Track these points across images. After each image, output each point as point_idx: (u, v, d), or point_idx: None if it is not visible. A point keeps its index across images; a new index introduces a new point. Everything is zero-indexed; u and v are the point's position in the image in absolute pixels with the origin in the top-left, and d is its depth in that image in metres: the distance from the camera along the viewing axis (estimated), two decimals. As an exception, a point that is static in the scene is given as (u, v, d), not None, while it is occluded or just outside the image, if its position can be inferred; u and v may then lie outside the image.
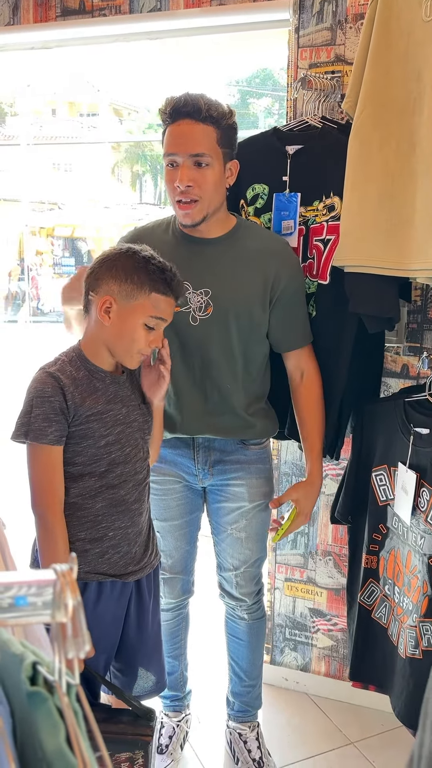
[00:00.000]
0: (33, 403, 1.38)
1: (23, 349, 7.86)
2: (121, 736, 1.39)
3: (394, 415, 1.75)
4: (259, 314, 1.69)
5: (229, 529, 1.84)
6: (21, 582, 0.45)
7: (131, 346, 1.42)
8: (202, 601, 2.12)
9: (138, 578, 1.53)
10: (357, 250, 1.65)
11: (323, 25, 1.97)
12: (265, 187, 1.88)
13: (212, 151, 1.58)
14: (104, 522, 1.46)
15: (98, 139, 17.51)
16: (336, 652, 2.28)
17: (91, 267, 1.45)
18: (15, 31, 2.38)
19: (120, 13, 2.22)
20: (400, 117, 1.58)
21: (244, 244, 1.70)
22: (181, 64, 4.43)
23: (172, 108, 1.58)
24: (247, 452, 1.79)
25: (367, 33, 1.63)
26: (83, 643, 0.45)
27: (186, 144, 1.57)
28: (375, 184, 1.61)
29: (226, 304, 1.66)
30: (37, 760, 0.52)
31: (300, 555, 2.27)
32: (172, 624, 1.99)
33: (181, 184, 1.58)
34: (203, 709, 2.20)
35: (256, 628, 1.97)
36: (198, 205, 1.60)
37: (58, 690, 0.48)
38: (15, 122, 16.14)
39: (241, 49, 3.33)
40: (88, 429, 1.41)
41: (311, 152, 1.82)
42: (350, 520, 1.90)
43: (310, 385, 1.79)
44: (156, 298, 1.40)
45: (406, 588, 1.71)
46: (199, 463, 1.79)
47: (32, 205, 13.30)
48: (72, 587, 0.44)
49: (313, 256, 1.83)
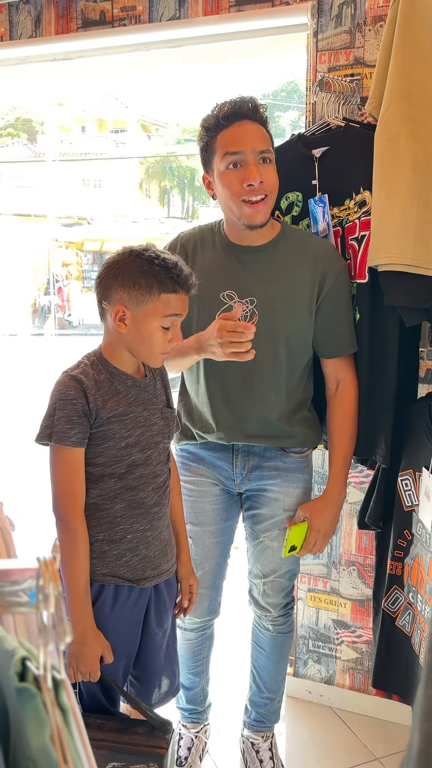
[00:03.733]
0: (56, 406, 1.39)
1: (49, 361, 7.93)
2: (136, 747, 1.37)
3: (419, 419, 1.71)
4: (305, 319, 1.66)
5: (261, 537, 1.81)
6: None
7: (151, 349, 1.42)
8: (228, 609, 2.07)
9: (155, 583, 1.51)
10: (387, 249, 1.61)
11: (342, 28, 1.96)
12: (298, 194, 1.87)
13: (271, 149, 1.61)
14: (123, 524, 1.45)
15: (126, 154, 17.72)
16: (360, 665, 2.23)
17: (99, 275, 1.44)
18: (37, 44, 2.41)
19: (140, 23, 2.23)
20: (426, 113, 1.56)
21: (289, 250, 1.68)
22: (207, 80, 4.46)
23: (230, 110, 1.59)
24: (287, 460, 1.75)
25: (390, 33, 1.61)
26: (64, 634, 0.43)
27: (253, 141, 1.57)
28: (403, 181, 1.58)
29: (271, 312, 1.63)
30: (25, 758, 0.50)
31: (323, 565, 2.23)
32: (195, 644, 1.94)
33: (255, 180, 1.56)
34: (223, 719, 2.16)
35: (281, 642, 1.92)
36: (267, 202, 1.60)
37: (42, 685, 0.46)
38: (45, 139, 16.42)
39: (266, 62, 3.33)
40: (108, 430, 1.41)
41: (337, 152, 1.80)
42: (381, 525, 1.86)
43: (343, 398, 1.74)
44: (166, 298, 1.39)
45: (428, 596, 1.66)
46: (237, 467, 1.75)
47: (61, 219, 13.48)
48: (54, 577, 0.43)
49: (350, 256, 1.80)
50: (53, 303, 12.35)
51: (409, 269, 1.59)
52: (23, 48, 2.44)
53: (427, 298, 1.64)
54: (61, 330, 11.74)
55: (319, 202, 1.80)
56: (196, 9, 2.14)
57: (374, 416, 1.79)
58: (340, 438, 1.74)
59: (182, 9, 2.16)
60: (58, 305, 12.47)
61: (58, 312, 12.34)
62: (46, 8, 2.37)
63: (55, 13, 2.36)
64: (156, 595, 1.54)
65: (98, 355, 1.48)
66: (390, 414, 1.77)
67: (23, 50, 2.45)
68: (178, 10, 2.17)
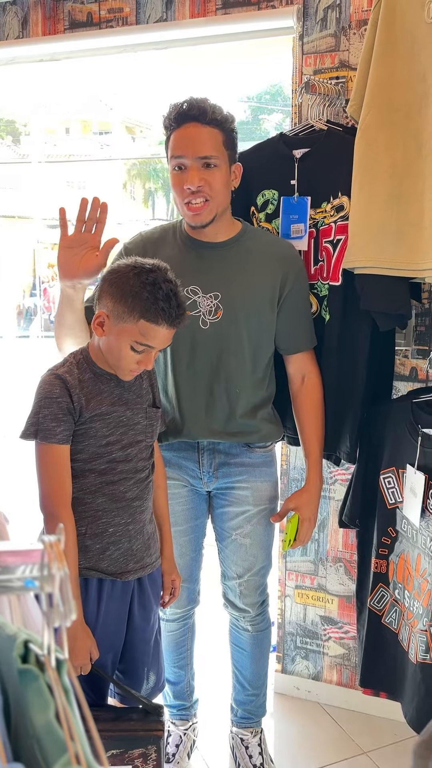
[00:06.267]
0: (42, 404, 1.41)
1: (34, 363, 7.90)
2: (133, 733, 1.40)
3: (401, 417, 1.74)
4: (269, 316, 1.70)
5: (233, 535, 1.83)
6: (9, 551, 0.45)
7: (120, 362, 1.44)
8: (208, 607, 2.10)
9: (139, 576, 1.53)
10: (366, 252, 1.64)
11: (327, 31, 1.98)
12: (274, 192, 1.89)
13: (219, 153, 1.61)
14: (104, 517, 1.47)
15: (111, 156, 17.70)
16: (348, 661, 2.25)
17: (103, 276, 1.46)
18: (24, 44, 2.42)
19: (127, 24, 2.25)
20: (405, 118, 1.59)
21: (251, 248, 1.71)
22: (192, 82, 4.50)
23: (178, 112, 1.60)
24: (252, 455, 1.79)
25: (371, 37, 1.64)
26: (69, 612, 0.44)
27: (195, 146, 1.59)
28: (382, 185, 1.61)
29: (236, 307, 1.67)
30: (28, 737, 0.52)
31: (310, 562, 2.25)
32: (178, 634, 1.97)
33: (192, 185, 1.59)
34: (211, 715, 2.18)
35: (260, 639, 1.95)
36: (208, 205, 1.62)
37: (47, 664, 0.48)
38: (29, 141, 16.36)
39: (251, 65, 3.36)
40: (90, 428, 1.44)
41: (318, 154, 1.83)
42: (358, 524, 1.89)
43: (311, 390, 1.79)
44: (145, 325, 1.38)
45: (416, 592, 1.69)
46: (204, 466, 1.78)
47: (46, 221, 13.43)
48: (59, 558, 0.44)
49: (323, 258, 1.84)
50: (39, 305, 12.31)
51: (388, 272, 1.62)
52: (10, 49, 2.44)
53: (402, 303, 1.67)
54: (47, 332, 11.69)
55: (301, 202, 1.83)
56: (183, 11, 2.16)
57: (341, 415, 1.85)
58: (313, 428, 1.79)
59: (169, 11, 2.18)
60: (44, 306, 12.43)
61: (44, 313, 12.30)
62: (33, 9, 2.38)
63: (42, 14, 2.37)
64: (140, 589, 1.56)
65: (85, 353, 1.49)
66: (357, 412, 1.83)
67: (10, 51, 2.45)
68: (165, 12, 2.18)
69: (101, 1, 2.27)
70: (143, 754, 1.39)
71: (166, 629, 1.94)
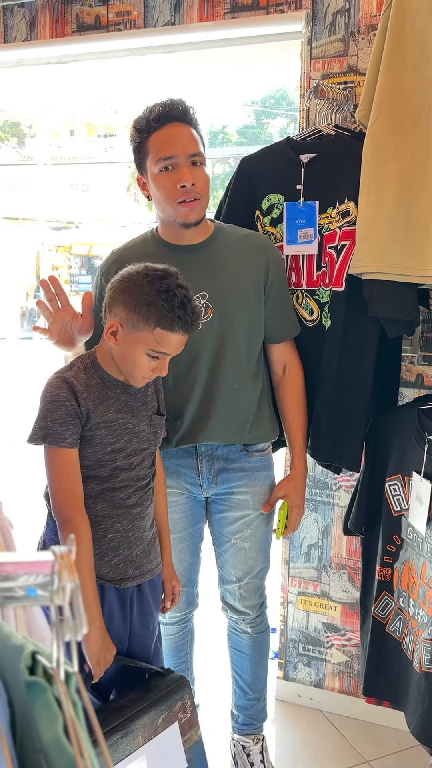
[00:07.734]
0: (49, 408, 1.39)
1: (37, 365, 7.90)
2: (165, 692, 1.49)
3: (408, 424, 1.73)
4: (256, 306, 1.72)
5: (232, 539, 1.82)
6: (20, 562, 0.44)
7: (134, 371, 1.43)
8: (207, 612, 2.09)
9: (138, 583, 1.52)
10: (374, 257, 1.63)
11: (336, 36, 1.98)
12: (280, 196, 1.88)
13: (202, 151, 1.64)
14: (104, 523, 1.46)
15: (115, 158, 17.73)
16: (350, 668, 2.24)
17: (112, 282, 1.44)
18: (32, 47, 2.42)
19: (135, 28, 2.24)
20: (414, 124, 1.58)
21: (228, 243, 1.73)
22: (199, 85, 4.50)
23: (161, 113, 1.61)
24: (251, 459, 1.78)
25: (380, 42, 1.63)
26: (81, 626, 0.44)
27: (184, 144, 1.60)
28: (390, 191, 1.60)
29: (224, 303, 1.67)
30: (35, 751, 0.51)
31: (313, 568, 2.24)
32: (177, 638, 1.96)
33: (187, 182, 1.59)
34: (211, 722, 2.16)
35: (260, 642, 1.94)
36: (200, 203, 1.64)
37: (56, 677, 0.47)
38: (34, 143, 16.39)
39: (256, 69, 3.35)
40: (96, 435, 1.42)
41: (325, 160, 1.82)
42: (363, 531, 1.87)
43: (293, 378, 1.81)
44: (160, 333, 1.37)
45: (421, 600, 1.68)
46: (203, 472, 1.77)
47: (50, 223, 13.47)
48: (70, 569, 0.43)
49: (326, 264, 1.83)
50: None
51: (396, 278, 1.61)
52: (17, 51, 2.44)
53: (411, 310, 1.66)
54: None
55: (309, 207, 1.82)
56: (192, 15, 2.15)
57: (343, 423, 1.83)
58: (296, 416, 1.81)
59: (177, 15, 2.17)
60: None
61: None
62: (41, 12, 2.38)
63: (50, 16, 2.37)
64: (139, 596, 1.54)
65: (92, 358, 1.48)
66: (362, 420, 1.81)
67: (17, 53, 2.45)
68: (174, 16, 2.18)
69: (109, 5, 2.27)
70: (182, 705, 1.50)
71: (165, 633, 1.93)
